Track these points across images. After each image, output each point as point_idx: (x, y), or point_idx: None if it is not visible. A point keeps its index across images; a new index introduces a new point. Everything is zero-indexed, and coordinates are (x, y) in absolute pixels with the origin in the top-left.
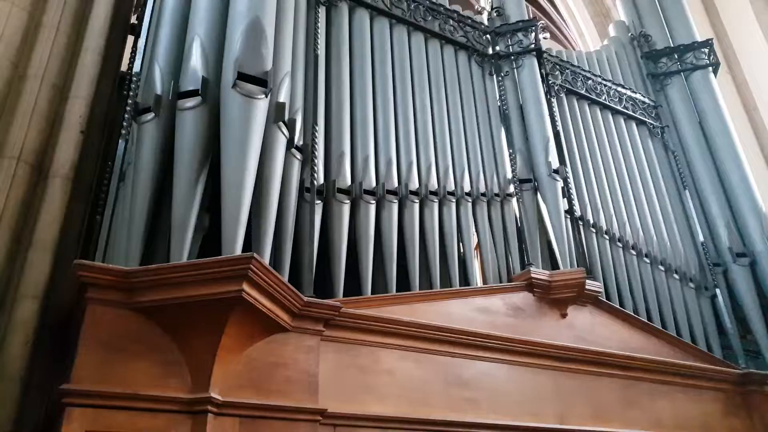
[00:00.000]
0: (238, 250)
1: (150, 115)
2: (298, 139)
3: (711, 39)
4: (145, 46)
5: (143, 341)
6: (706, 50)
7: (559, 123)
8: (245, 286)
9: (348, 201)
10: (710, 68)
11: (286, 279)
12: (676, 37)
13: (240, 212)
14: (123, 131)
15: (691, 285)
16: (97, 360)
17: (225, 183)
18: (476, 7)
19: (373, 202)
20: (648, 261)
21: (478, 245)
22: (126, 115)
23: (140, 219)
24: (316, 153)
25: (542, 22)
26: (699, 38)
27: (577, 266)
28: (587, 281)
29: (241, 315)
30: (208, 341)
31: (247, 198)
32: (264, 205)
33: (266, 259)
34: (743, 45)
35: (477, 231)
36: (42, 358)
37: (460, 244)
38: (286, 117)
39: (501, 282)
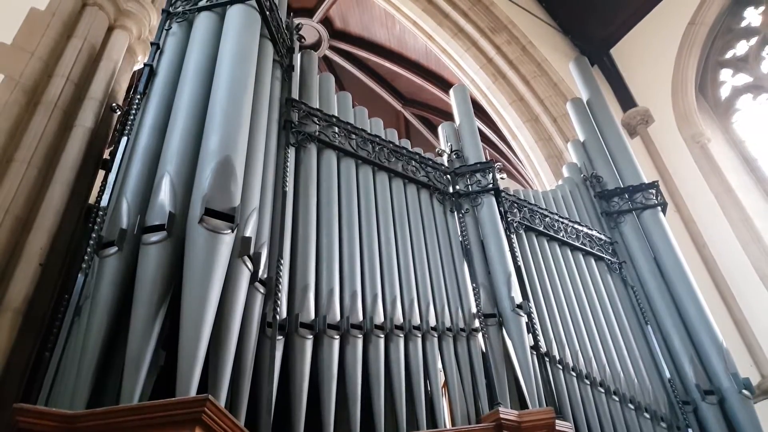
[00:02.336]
0: (194, 391)
1: (113, 249)
2: (262, 272)
3: (657, 181)
4: (115, 181)
5: None
6: (654, 191)
7: (519, 258)
8: None
9: (311, 336)
10: (659, 207)
11: (242, 422)
12: (625, 178)
13: (198, 349)
14: (83, 264)
15: (663, 425)
16: None
17: (184, 318)
18: (437, 149)
19: (337, 337)
20: (617, 399)
21: (446, 383)
22: (88, 249)
23: (92, 356)
24: (280, 286)
25: (499, 163)
26: (646, 179)
27: (546, 405)
28: (557, 421)
29: None
30: None
31: (206, 334)
32: (223, 341)
33: (222, 400)
34: (686, 186)
35: (444, 368)
36: None
37: (427, 382)
38: (252, 251)
39: (470, 423)
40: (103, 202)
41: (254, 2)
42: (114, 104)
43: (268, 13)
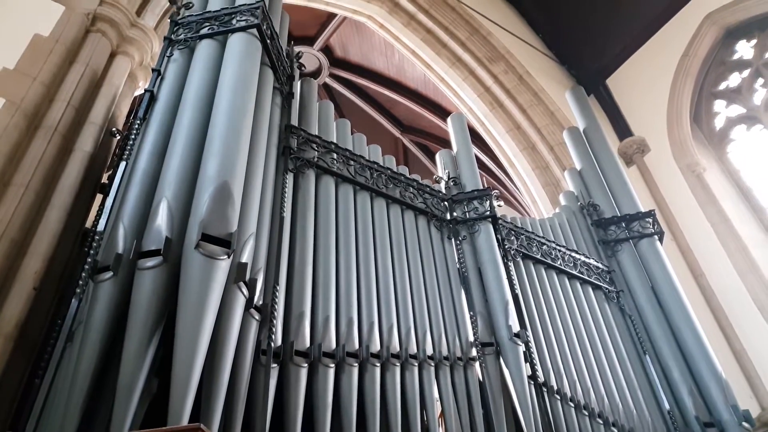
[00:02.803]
0: (186, 419)
1: (108, 274)
2: (257, 298)
3: (653, 210)
4: (112, 205)
5: None
6: (650, 219)
7: (517, 286)
8: None
9: (306, 364)
10: (656, 236)
11: None
12: (622, 207)
13: (191, 377)
14: (78, 289)
15: None
16: None
17: (178, 345)
18: (435, 176)
19: (333, 365)
20: (615, 430)
21: (442, 413)
22: (83, 273)
23: (83, 382)
24: (276, 313)
25: (496, 191)
26: (642, 208)
27: None
28: None
29: None
30: None
31: (200, 361)
32: (217, 368)
33: (215, 429)
34: (683, 215)
35: (440, 398)
36: None
37: (424, 412)
38: (248, 277)
39: None
40: (100, 227)
41: (255, 30)
42: (114, 129)
43: (269, 41)
